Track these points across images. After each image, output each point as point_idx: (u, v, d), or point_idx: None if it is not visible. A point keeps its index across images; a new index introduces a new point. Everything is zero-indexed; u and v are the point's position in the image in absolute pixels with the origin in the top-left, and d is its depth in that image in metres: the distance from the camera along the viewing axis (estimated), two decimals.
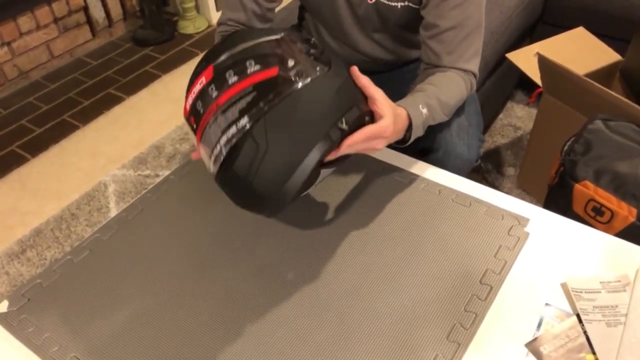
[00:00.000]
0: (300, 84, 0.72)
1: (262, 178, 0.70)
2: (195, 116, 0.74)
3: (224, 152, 0.71)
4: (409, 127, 0.89)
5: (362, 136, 0.77)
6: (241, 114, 0.70)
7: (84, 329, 0.78)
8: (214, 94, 0.72)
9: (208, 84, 0.73)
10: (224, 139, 0.71)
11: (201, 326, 0.78)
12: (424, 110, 0.91)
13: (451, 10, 0.97)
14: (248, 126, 0.70)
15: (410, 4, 1.03)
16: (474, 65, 1.03)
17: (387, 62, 1.21)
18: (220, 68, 0.73)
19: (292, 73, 0.72)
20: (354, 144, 0.76)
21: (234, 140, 0.70)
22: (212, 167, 0.74)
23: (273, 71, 0.72)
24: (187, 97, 0.76)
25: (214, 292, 0.82)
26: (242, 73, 0.72)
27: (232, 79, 0.72)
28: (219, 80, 0.73)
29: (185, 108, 0.77)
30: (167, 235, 0.92)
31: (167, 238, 0.91)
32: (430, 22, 1.00)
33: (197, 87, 0.74)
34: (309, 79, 0.72)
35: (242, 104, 0.71)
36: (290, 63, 0.73)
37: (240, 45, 0.75)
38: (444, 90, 0.98)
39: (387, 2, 1.04)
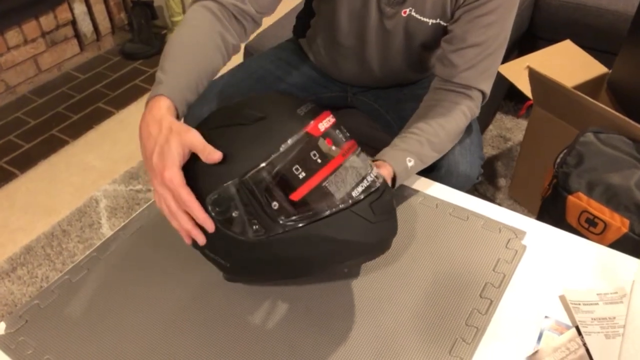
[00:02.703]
0: None
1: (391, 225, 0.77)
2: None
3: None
4: (393, 180, 0.92)
5: None
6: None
7: (84, 350, 0.78)
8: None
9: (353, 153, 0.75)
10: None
11: (200, 349, 0.77)
12: (410, 164, 0.94)
13: (481, 28, 0.97)
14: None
15: (440, 22, 1.03)
16: (487, 86, 1.03)
17: (389, 80, 1.23)
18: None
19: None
20: None
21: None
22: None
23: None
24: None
25: (212, 315, 0.82)
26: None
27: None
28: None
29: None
30: (165, 253, 0.91)
31: (165, 256, 0.91)
32: (458, 35, 1.00)
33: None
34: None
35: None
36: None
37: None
38: (443, 131, 0.99)
39: (419, 17, 1.04)
